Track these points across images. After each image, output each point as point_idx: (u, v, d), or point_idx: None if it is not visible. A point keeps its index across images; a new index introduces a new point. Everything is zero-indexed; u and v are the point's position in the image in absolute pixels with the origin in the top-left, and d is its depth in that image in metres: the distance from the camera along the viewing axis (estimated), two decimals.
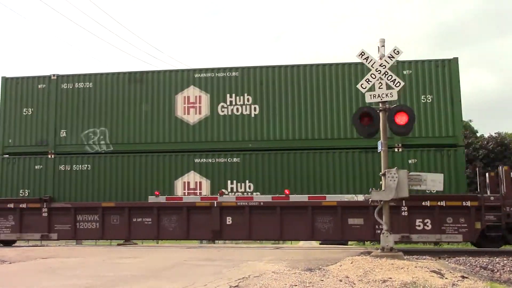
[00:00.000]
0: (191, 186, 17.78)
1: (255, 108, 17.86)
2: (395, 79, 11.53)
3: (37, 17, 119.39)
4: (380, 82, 11.57)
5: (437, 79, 17.26)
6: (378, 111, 11.56)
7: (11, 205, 18.03)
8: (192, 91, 18.32)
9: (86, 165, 18.32)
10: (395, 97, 11.53)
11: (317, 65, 17.96)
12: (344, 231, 16.49)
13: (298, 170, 17.28)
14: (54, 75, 19.07)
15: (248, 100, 17.96)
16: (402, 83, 11.66)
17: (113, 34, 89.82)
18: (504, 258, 13.26)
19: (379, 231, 12.73)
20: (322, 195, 16.81)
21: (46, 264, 10.03)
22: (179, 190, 17.76)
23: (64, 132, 18.65)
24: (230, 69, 18.32)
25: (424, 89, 17.21)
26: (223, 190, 17.42)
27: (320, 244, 25.93)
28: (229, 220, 17.01)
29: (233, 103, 18.01)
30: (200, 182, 17.74)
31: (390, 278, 7.74)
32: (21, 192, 18.47)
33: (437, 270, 8.85)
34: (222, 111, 18.01)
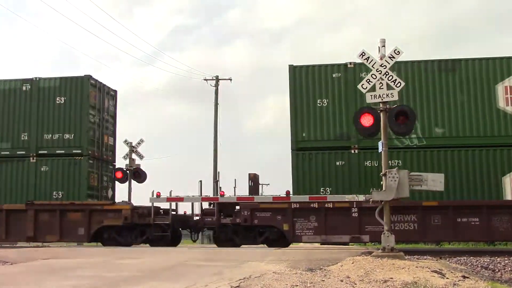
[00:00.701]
0: None
1: None
2: (395, 79, 11.54)
3: (37, 17, 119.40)
4: (380, 83, 11.58)
5: None
6: (378, 111, 11.56)
7: (315, 205, 16.65)
8: None
9: (396, 161, 16.57)
10: (395, 97, 11.53)
11: None
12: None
13: None
14: (351, 63, 17.45)
15: None
16: (403, 83, 11.67)
17: (114, 34, 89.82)
18: (505, 258, 13.26)
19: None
20: (324, 195, 16.79)
21: (48, 265, 10.04)
22: (507, 188, 16.29)
23: None
24: None
25: None
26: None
27: (321, 244, 25.88)
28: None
29: None
30: None
31: (391, 278, 7.75)
32: (321, 190, 17.04)
33: (438, 270, 8.85)
34: None
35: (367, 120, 11.57)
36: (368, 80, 11.72)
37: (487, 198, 16.27)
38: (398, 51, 11.63)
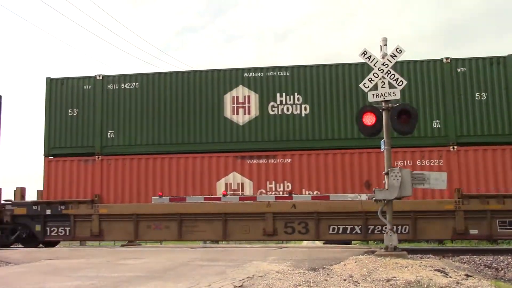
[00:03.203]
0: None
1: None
2: (397, 78, 11.53)
3: (37, 17, 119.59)
4: (382, 81, 11.57)
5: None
6: (381, 110, 11.54)
7: None
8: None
9: None
10: (397, 96, 11.51)
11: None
12: None
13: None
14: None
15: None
16: (405, 82, 11.66)
17: (115, 35, 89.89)
18: (509, 257, 13.23)
19: None
20: (326, 194, 16.80)
21: (51, 265, 10.05)
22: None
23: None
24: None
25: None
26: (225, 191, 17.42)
27: (323, 243, 25.90)
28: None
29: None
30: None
31: (394, 277, 7.74)
32: None
33: (441, 268, 8.84)
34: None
35: (369, 119, 11.56)
36: (370, 79, 11.71)
37: None
38: (400, 50, 11.62)
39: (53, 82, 19.13)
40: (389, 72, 11.56)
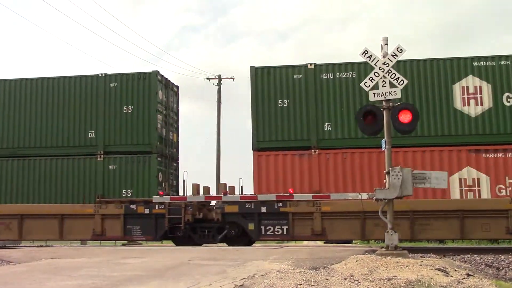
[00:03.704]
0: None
1: None
2: (398, 77, 11.52)
3: (37, 16, 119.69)
4: (383, 81, 11.56)
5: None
6: (381, 109, 11.54)
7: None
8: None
9: None
10: (398, 95, 11.51)
11: None
12: None
13: None
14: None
15: None
16: (406, 81, 11.66)
17: (116, 34, 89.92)
18: (510, 256, 13.23)
19: None
20: (327, 193, 16.76)
21: (51, 265, 10.05)
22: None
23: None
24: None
25: None
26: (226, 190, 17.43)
27: (324, 243, 25.90)
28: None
29: None
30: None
31: (395, 276, 7.73)
32: None
33: (442, 268, 8.83)
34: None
35: (369, 118, 11.56)
36: (370, 78, 11.71)
37: None
38: (401, 49, 11.61)
39: (258, 71, 18.39)
40: (389, 71, 11.55)
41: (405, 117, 11.33)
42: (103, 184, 18.60)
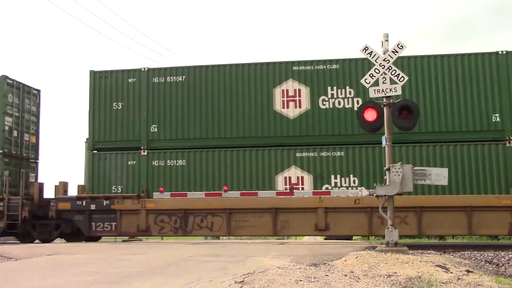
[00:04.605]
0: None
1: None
2: (399, 74, 11.51)
3: (38, 15, 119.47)
4: (384, 77, 11.55)
5: None
6: (382, 106, 11.53)
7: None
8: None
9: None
10: (399, 92, 11.51)
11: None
12: None
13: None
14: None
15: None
16: (406, 78, 11.65)
17: (120, 32, 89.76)
18: (510, 252, 13.25)
19: None
20: (328, 190, 16.81)
21: (52, 261, 10.06)
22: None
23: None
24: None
25: None
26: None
27: (324, 239, 25.92)
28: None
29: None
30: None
31: (395, 272, 7.74)
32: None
33: (442, 264, 8.84)
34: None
35: (370, 115, 11.55)
36: (371, 75, 11.69)
37: None
38: (401, 45, 11.60)
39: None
40: (390, 67, 11.54)
41: (405, 114, 11.35)
42: None
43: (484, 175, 16.43)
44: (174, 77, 18.51)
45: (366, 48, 11.74)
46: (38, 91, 21.46)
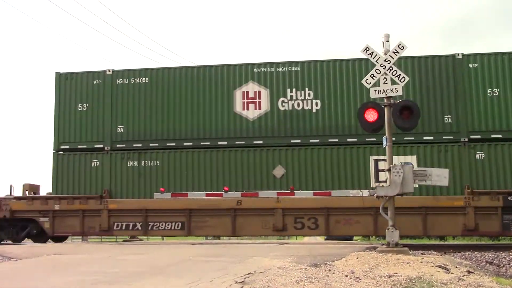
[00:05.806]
0: None
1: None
2: (399, 74, 11.51)
3: (38, 14, 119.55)
4: (385, 78, 11.55)
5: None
6: (382, 106, 11.53)
7: None
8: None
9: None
10: (399, 92, 11.50)
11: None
12: None
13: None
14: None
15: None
16: (407, 78, 11.64)
17: (120, 32, 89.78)
18: (510, 253, 13.23)
19: None
20: (328, 191, 16.81)
21: (53, 261, 10.07)
22: None
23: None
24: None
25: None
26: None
27: (325, 239, 25.94)
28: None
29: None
30: None
31: (396, 273, 7.74)
32: None
33: (442, 265, 8.84)
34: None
35: (371, 115, 11.55)
36: (372, 75, 11.69)
37: None
38: (402, 46, 11.59)
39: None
40: (391, 68, 11.54)
41: (406, 114, 11.35)
42: None
43: None
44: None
45: (367, 49, 11.74)
46: None
